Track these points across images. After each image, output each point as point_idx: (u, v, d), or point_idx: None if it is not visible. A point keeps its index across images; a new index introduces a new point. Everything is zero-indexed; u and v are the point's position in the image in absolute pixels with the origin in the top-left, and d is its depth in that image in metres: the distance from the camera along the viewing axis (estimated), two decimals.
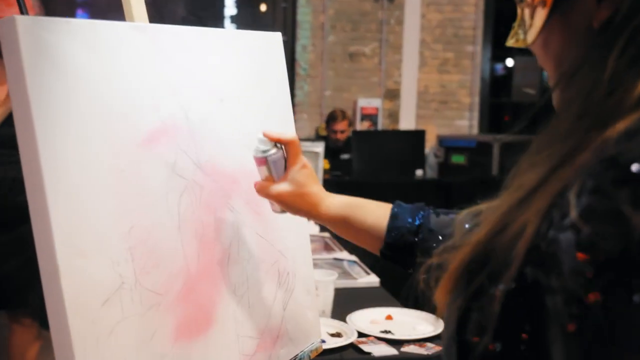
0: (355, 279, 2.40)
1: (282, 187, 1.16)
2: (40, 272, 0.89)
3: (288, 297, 1.32)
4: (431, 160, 5.58)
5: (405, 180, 4.66)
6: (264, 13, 6.55)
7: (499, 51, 7.01)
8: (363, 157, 4.74)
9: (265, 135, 1.15)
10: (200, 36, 1.17)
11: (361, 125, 6.02)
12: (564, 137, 0.63)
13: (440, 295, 0.69)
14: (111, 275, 0.95)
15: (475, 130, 6.54)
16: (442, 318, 0.74)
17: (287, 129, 1.36)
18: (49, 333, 0.92)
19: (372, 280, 2.39)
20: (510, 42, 0.80)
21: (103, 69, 0.96)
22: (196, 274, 1.10)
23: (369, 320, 1.96)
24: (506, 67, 7.38)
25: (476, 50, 6.58)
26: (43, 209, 0.87)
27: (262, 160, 1.15)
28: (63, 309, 0.88)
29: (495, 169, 4.85)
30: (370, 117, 6.10)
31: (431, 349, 1.78)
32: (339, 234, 1.21)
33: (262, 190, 1.17)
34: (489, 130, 6.71)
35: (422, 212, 1.15)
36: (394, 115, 6.36)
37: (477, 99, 6.56)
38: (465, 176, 4.78)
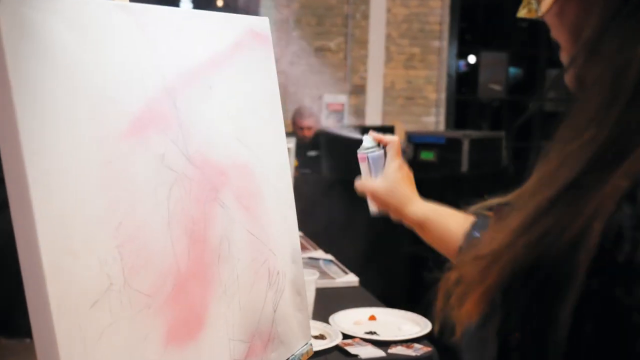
0: (333, 278, 2.35)
1: (376, 184, 1.27)
2: (22, 273, 0.83)
3: (278, 298, 1.27)
4: None
5: None
6: (222, 8, 6.47)
7: (464, 47, 7.04)
8: (332, 154, 4.70)
9: (371, 135, 1.29)
10: (188, 18, 1.11)
11: (327, 122, 5.98)
12: (596, 123, 0.56)
13: (466, 316, 0.61)
14: (99, 275, 0.89)
15: (441, 127, 6.56)
16: (460, 341, 0.68)
17: (275, 116, 1.32)
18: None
19: (351, 279, 2.35)
20: (522, 13, 0.74)
21: (90, 52, 0.90)
22: (186, 274, 1.04)
23: (353, 321, 1.92)
24: (468, 64, 7.41)
25: (442, 45, 6.60)
26: (26, 204, 0.81)
27: (363, 157, 1.29)
28: (48, 312, 0.82)
29: (465, 166, 4.85)
30: (336, 113, 6.07)
31: (419, 350, 1.75)
32: (421, 235, 1.27)
33: (360, 186, 1.29)
34: (456, 127, 6.73)
35: None
36: (360, 112, 6.34)
37: (443, 95, 6.58)
38: (435, 173, 4.77)
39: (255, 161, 1.24)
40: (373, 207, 1.32)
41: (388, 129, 5.40)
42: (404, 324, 1.93)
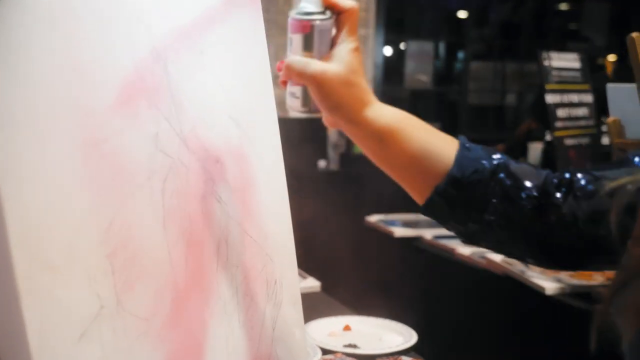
0: None
1: (328, 66, 0.85)
2: None
3: (277, 313, 1.08)
4: (329, 151, 5.39)
5: (310, 172, 4.45)
6: None
7: (390, 36, 6.96)
8: None
9: None
10: None
11: None
12: None
13: None
14: (87, 295, 0.68)
15: None
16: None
17: (266, 90, 1.13)
18: None
19: (313, 284, 2.16)
20: None
21: (67, 5, 0.69)
22: (184, 287, 0.84)
23: (327, 332, 1.74)
24: (384, 56, 7.32)
25: (369, 33, 6.48)
26: None
27: (306, 26, 0.85)
28: (25, 348, 0.61)
29: None
30: None
31: None
32: (379, 155, 0.93)
33: (298, 64, 0.87)
34: None
35: (498, 153, 0.88)
36: (281, 103, 6.15)
37: (370, 86, 6.47)
38: (371, 167, 4.63)
39: (249, 144, 1.04)
40: (295, 103, 0.97)
41: (319, 121, 5.24)
42: (385, 334, 1.76)
